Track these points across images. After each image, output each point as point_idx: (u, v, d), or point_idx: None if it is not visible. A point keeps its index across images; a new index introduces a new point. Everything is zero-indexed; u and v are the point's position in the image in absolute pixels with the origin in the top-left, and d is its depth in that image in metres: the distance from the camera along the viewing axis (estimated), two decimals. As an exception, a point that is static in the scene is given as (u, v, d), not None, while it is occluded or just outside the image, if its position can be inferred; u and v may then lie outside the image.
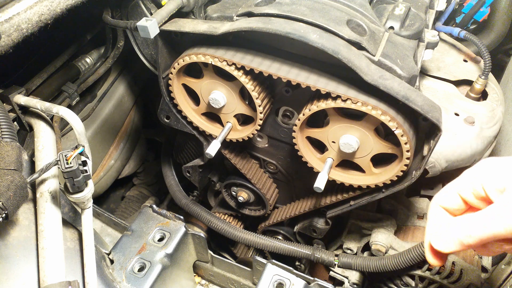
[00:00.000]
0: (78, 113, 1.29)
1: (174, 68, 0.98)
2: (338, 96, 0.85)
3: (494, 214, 0.53)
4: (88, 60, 1.33)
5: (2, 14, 0.71)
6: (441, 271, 1.07)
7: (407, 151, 0.85)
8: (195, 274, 1.05)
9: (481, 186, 0.57)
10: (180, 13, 0.98)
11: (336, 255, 1.16)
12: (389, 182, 0.94)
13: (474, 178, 0.59)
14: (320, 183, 0.93)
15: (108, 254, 0.88)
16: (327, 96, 0.86)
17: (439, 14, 1.49)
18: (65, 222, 0.81)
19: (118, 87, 1.52)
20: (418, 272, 1.09)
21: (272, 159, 1.21)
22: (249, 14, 0.92)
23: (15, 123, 0.90)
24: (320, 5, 0.91)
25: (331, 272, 1.24)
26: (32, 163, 0.84)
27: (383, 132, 0.93)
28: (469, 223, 0.56)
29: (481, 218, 0.54)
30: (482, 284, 1.06)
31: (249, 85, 0.93)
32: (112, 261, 0.87)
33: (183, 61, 0.95)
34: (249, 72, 0.92)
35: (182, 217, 0.94)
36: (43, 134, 0.87)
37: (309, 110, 0.89)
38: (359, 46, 0.85)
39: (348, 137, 0.90)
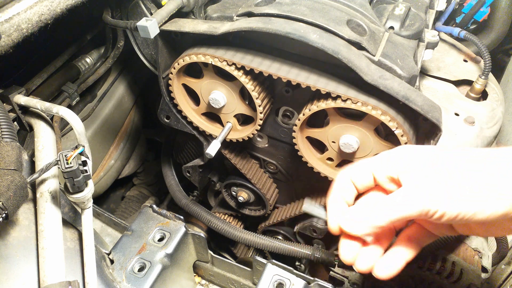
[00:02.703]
0: (78, 113, 1.29)
1: (174, 68, 0.98)
2: (338, 96, 0.85)
3: (406, 197, 0.57)
4: (88, 60, 1.33)
5: (2, 14, 0.71)
6: (441, 271, 1.07)
7: (407, 151, 0.85)
8: (195, 274, 1.05)
9: (395, 170, 0.60)
10: (180, 13, 0.98)
11: (336, 255, 1.16)
12: (389, 182, 0.94)
13: (390, 161, 0.61)
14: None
15: (108, 254, 0.88)
16: (327, 96, 0.86)
17: (439, 14, 1.49)
18: (65, 222, 0.81)
19: (118, 87, 1.52)
20: (418, 272, 1.09)
21: (272, 159, 1.21)
22: (249, 14, 0.92)
23: (15, 123, 0.90)
24: (320, 5, 0.91)
25: (331, 272, 1.24)
26: (32, 163, 0.84)
27: (383, 132, 0.93)
28: (383, 206, 0.58)
29: (394, 201, 0.58)
30: (482, 284, 1.06)
31: (249, 85, 0.93)
32: (112, 261, 0.87)
33: (183, 61, 0.95)
34: (249, 72, 0.92)
35: (182, 217, 0.94)
36: (43, 134, 0.87)
37: (309, 110, 0.89)
38: (359, 46, 0.85)
39: (348, 137, 0.90)
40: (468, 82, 1.30)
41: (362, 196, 0.67)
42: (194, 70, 1.03)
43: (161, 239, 0.91)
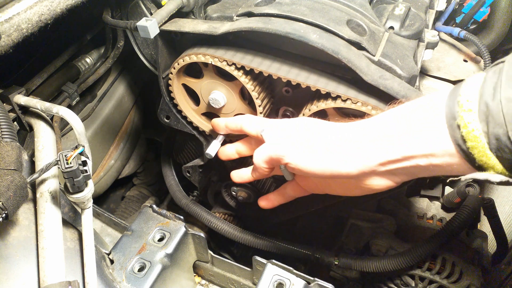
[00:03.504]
0: (78, 113, 1.29)
1: (174, 68, 0.98)
2: (338, 96, 0.85)
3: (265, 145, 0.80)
4: (88, 60, 1.33)
5: (2, 14, 0.71)
6: (441, 271, 1.07)
7: (407, 151, 0.85)
8: (195, 274, 1.05)
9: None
10: (180, 13, 0.98)
11: (336, 255, 1.16)
12: (389, 182, 0.94)
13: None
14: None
15: (108, 254, 0.88)
16: (327, 96, 0.86)
17: (439, 14, 1.49)
18: (65, 222, 0.81)
19: (118, 87, 1.52)
20: (418, 272, 1.09)
21: (272, 159, 1.21)
22: (249, 14, 0.92)
23: (15, 123, 0.90)
24: (320, 5, 0.91)
25: (331, 272, 1.24)
26: (32, 163, 0.84)
27: (383, 132, 0.92)
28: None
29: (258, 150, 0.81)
30: (482, 284, 1.06)
31: (249, 85, 0.93)
32: (112, 261, 0.87)
33: (183, 61, 0.95)
34: (249, 72, 0.92)
35: (182, 217, 0.94)
36: (43, 134, 0.87)
37: (309, 110, 0.89)
38: (359, 46, 0.85)
39: (348, 137, 0.90)
40: (468, 82, 1.29)
41: None
42: (194, 70, 1.03)
43: (161, 239, 0.91)
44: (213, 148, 1.00)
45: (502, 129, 0.51)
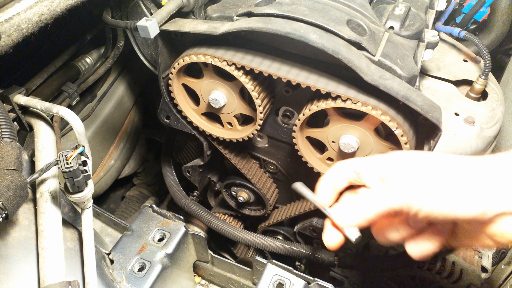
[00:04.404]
0: (78, 113, 1.29)
1: (174, 68, 0.98)
2: (338, 96, 0.85)
3: (389, 190, 0.62)
4: (88, 60, 1.33)
5: (2, 14, 0.71)
6: (441, 271, 1.07)
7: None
8: (195, 274, 1.05)
9: (387, 170, 0.64)
10: (180, 13, 0.98)
11: (336, 255, 1.16)
12: (389, 182, 0.94)
13: (384, 162, 0.66)
14: None
15: (108, 254, 0.88)
16: (327, 96, 0.86)
17: (439, 14, 1.49)
18: (65, 222, 0.81)
19: (118, 87, 1.52)
20: (418, 272, 1.09)
21: (272, 159, 1.21)
22: (249, 14, 0.92)
23: (15, 123, 0.90)
24: (320, 5, 0.91)
25: (331, 272, 1.24)
26: (32, 163, 0.84)
27: (383, 132, 0.93)
28: (371, 198, 0.63)
29: (379, 194, 0.62)
30: (482, 284, 1.06)
31: (249, 85, 0.93)
32: (112, 261, 0.87)
33: (183, 61, 0.95)
34: (249, 72, 0.92)
35: (182, 217, 0.94)
36: (43, 134, 0.87)
37: (309, 110, 0.89)
38: (359, 46, 0.85)
39: (348, 137, 0.90)
40: (468, 82, 1.30)
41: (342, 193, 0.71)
42: (194, 70, 1.03)
43: (161, 239, 0.91)
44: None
45: None
